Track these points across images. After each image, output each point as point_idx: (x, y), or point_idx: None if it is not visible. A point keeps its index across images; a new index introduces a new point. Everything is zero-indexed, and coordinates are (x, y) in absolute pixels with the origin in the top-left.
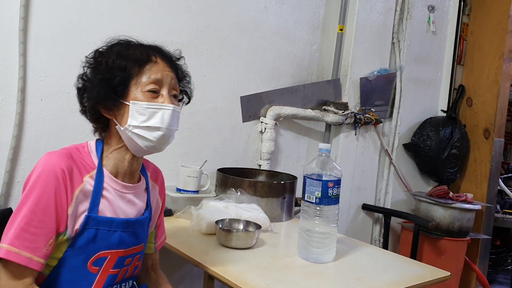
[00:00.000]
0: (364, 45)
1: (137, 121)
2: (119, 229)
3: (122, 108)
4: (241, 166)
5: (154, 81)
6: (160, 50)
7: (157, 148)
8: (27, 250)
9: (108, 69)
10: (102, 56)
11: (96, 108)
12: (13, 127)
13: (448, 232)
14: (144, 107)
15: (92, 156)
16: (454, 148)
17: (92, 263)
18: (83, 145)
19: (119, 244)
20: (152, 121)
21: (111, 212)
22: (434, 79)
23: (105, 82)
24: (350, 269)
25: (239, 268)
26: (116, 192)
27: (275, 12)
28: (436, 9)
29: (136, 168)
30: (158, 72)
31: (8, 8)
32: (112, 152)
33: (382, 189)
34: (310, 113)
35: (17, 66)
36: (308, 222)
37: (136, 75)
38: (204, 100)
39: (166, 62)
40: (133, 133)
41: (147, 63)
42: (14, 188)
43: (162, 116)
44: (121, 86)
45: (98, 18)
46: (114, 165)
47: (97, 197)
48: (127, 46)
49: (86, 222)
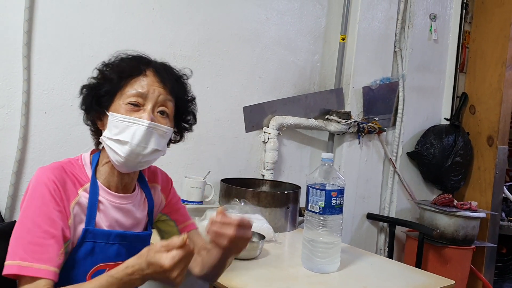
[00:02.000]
0: (366, 54)
1: (110, 133)
2: (116, 241)
3: (105, 119)
4: (245, 176)
5: (137, 94)
6: (155, 64)
7: (128, 166)
8: (40, 261)
9: (99, 80)
10: (102, 67)
11: (89, 118)
12: (18, 140)
13: (453, 240)
14: (119, 119)
15: (86, 168)
16: (457, 156)
17: (91, 276)
18: (77, 158)
19: (117, 257)
20: (123, 135)
21: (107, 224)
22: (437, 87)
23: (92, 92)
24: (355, 279)
25: (244, 278)
26: (111, 204)
27: (276, 23)
28: (438, 18)
29: (128, 181)
30: (145, 86)
31: (12, 22)
32: (104, 165)
33: (386, 198)
34: (313, 123)
35: (21, 80)
36: (312, 232)
37: (122, 87)
38: (207, 111)
39: (158, 77)
40: (106, 145)
41: (135, 76)
42: (19, 201)
43: (134, 132)
44: (106, 96)
45: (101, 32)
46: (106, 178)
47: (93, 210)
48: (123, 60)
49: (84, 236)
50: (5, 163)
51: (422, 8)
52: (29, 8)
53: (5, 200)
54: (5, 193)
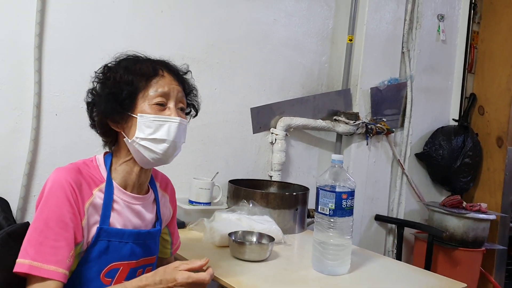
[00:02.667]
0: (373, 55)
1: (144, 134)
2: (130, 240)
3: (129, 121)
4: (252, 177)
5: (161, 94)
6: (167, 64)
7: (163, 161)
8: (50, 263)
9: (115, 83)
10: (110, 71)
11: (105, 121)
12: (29, 142)
13: (463, 242)
14: (151, 119)
15: (101, 169)
16: (466, 157)
17: (105, 275)
18: (91, 159)
19: (131, 256)
20: (159, 133)
21: (121, 224)
22: (445, 88)
23: (112, 96)
24: (365, 281)
25: (254, 280)
26: (125, 204)
27: (284, 24)
28: (446, 18)
29: (144, 180)
30: (165, 85)
31: (24, 25)
32: (121, 165)
33: (395, 199)
34: (320, 124)
35: (32, 82)
36: (322, 234)
37: (143, 89)
38: (215, 112)
39: (172, 76)
40: (140, 145)
41: (154, 77)
42: (30, 202)
43: (169, 129)
44: (128, 99)
45: (111, 34)
46: (123, 177)
47: (108, 209)
48: (135, 61)
49: (98, 234)
50: (17, 165)
51: (430, 8)
52: (41, 11)
53: (17, 202)
54: (16, 194)
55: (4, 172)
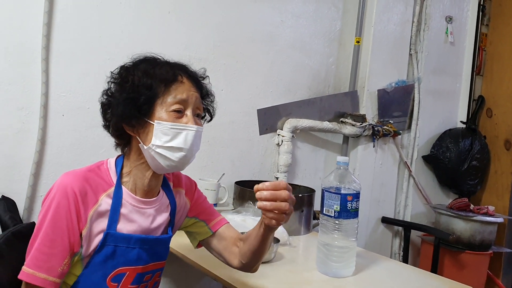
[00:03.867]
0: (381, 56)
1: (160, 141)
2: (137, 245)
3: (146, 127)
4: (258, 178)
5: (179, 101)
6: (187, 69)
7: (178, 168)
8: (41, 270)
9: (134, 87)
10: (128, 73)
11: (120, 124)
12: (36, 142)
13: (470, 245)
14: (168, 127)
15: (111, 173)
16: (474, 160)
17: (111, 279)
18: (103, 163)
19: (137, 261)
20: (175, 141)
21: (129, 228)
22: (453, 90)
23: (131, 101)
24: (370, 283)
25: (258, 282)
26: (134, 208)
27: (291, 25)
28: (454, 20)
29: (155, 184)
30: (184, 92)
31: (31, 26)
32: (133, 169)
33: (401, 201)
34: (327, 125)
35: (39, 83)
36: (327, 236)
37: (162, 95)
38: (222, 113)
39: (191, 82)
40: (156, 152)
41: (173, 83)
42: (37, 202)
43: (186, 137)
44: (146, 105)
45: (118, 35)
46: (133, 181)
47: (116, 214)
48: (154, 64)
49: (104, 239)
50: (24, 165)
51: (438, 10)
52: (48, 12)
53: (24, 201)
54: (23, 194)
55: (11, 172)
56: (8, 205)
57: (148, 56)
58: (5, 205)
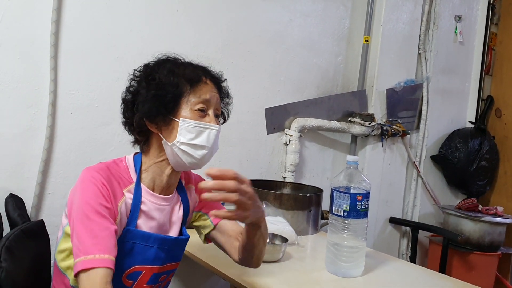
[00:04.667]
0: (390, 56)
1: (185, 138)
2: (155, 245)
3: (170, 124)
4: (266, 178)
5: (203, 101)
6: (209, 71)
7: (199, 165)
8: (106, 252)
9: (161, 84)
10: (154, 71)
11: (143, 121)
12: (44, 140)
13: (478, 246)
14: (193, 125)
15: (130, 170)
16: (483, 160)
17: (126, 276)
18: (121, 160)
19: (155, 260)
20: (199, 139)
21: (148, 226)
22: (462, 90)
23: (158, 98)
24: (379, 284)
25: (266, 281)
26: (153, 205)
27: (299, 24)
28: (463, 19)
29: (173, 182)
30: (207, 92)
31: (40, 23)
32: (151, 166)
33: (409, 202)
34: (335, 125)
35: (48, 81)
36: (336, 235)
37: (187, 94)
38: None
39: (213, 83)
40: (179, 149)
41: (198, 83)
42: (45, 200)
43: (208, 136)
44: (172, 103)
45: (126, 33)
46: (152, 178)
47: (136, 211)
48: (178, 64)
49: (124, 235)
50: (32, 163)
51: (447, 9)
52: (57, 10)
53: (31, 199)
54: (31, 192)
55: (19, 169)
56: (16, 202)
57: (171, 55)
58: (13, 203)
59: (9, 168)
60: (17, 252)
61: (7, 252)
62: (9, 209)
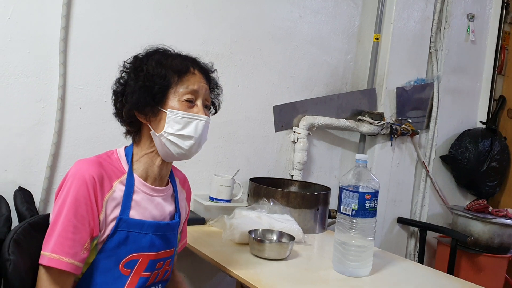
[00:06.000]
0: (400, 54)
1: (172, 129)
2: (150, 231)
3: (158, 115)
4: (273, 176)
5: (191, 91)
6: (198, 62)
7: (187, 156)
8: (68, 255)
9: (149, 76)
10: (142, 62)
11: (132, 112)
12: (53, 135)
13: (488, 248)
14: (180, 116)
15: (122, 161)
16: (493, 161)
17: (123, 265)
18: (112, 152)
19: (150, 247)
20: (186, 130)
21: (141, 215)
22: (473, 90)
23: (146, 89)
24: (387, 283)
25: (273, 279)
26: (145, 195)
27: (309, 21)
28: (476, 18)
29: (165, 173)
30: (195, 83)
31: (50, 18)
32: (143, 156)
33: (418, 202)
34: (344, 123)
35: (57, 75)
36: (344, 234)
37: (175, 85)
38: (237, 109)
39: (202, 74)
40: (167, 139)
41: (186, 74)
42: (53, 194)
43: (196, 126)
44: (160, 93)
45: (136, 28)
46: (144, 169)
47: (128, 200)
48: (166, 56)
49: (117, 225)
50: (41, 157)
51: (459, 8)
52: (67, 4)
53: (40, 193)
54: (40, 186)
55: (28, 163)
56: (25, 196)
57: (160, 47)
58: (22, 196)
59: (18, 162)
60: (24, 245)
61: (14, 245)
62: (18, 202)
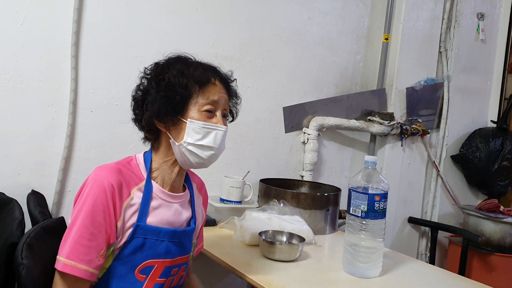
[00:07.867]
0: (410, 54)
1: (192, 139)
2: (166, 238)
3: (178, 124)
4: (284, 177)
5: (211, 102)
6: (218, 72)
7: (205, 165)
8: (83, 262)
9: (170, 85)
10: (164, 71)
11: (152, 120)
12: (65, 138)
13: (499, 247)
14: (200, 126)
15: (141, 168)
16: (505, 160)
17: (139, 271)
18: (132, 158)
19: (166, 254)
20: (206, 140)
21: (158, 221)
22: (483, 89)
23: (167, 99)
24: (397, 285)
25: (283, 280)
26: (163, 202)
27: (318, 22)
28: (486, 17)
29: (180, 180)
30: (216, 94)
31: (61, 23)
32: (162, 164)
33: (429, 202)
34: (354, 124)
35: (69, 79)
36: (354, 236)
37: (196, 95)
38: (247, 111)
39: (222, 84)
40: (186, 149)
41: (207, 84)
42: (65, 197)
43: (215, 136)
44: (181, 104)
45: (146, 32)
46: (162, 176)
47: (146, 207)
48: (188, 64)
49: (134, 231)
50: (53, 160)
51: (469, 7)
52: (78, 10)
53: (52, 196)
54: (52, 189)
55: (40, 167)
56: (38, 199)
57: (182, 55)
58: (35, 200)
59: (30, 165)
60: (37, 249)
61: (28, 249)
62: (31, 206)
